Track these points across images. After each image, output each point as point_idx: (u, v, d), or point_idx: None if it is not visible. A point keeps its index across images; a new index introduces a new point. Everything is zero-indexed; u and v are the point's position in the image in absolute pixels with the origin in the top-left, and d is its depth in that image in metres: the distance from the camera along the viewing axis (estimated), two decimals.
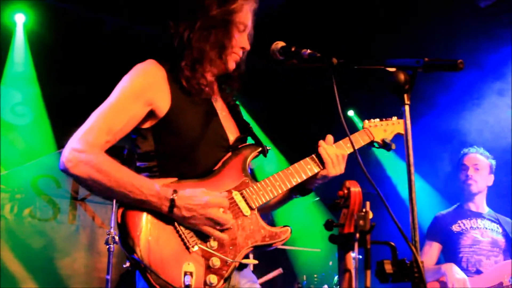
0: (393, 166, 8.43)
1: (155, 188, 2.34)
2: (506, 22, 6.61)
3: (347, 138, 2.91)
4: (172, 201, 2.33)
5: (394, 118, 3.20)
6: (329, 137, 2.91)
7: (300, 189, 2.90)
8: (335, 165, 2.81)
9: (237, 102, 2.99)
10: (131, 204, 2.35)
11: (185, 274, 2.31)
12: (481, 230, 5.03)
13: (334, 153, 2.81)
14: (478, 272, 4.83)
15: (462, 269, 4.78)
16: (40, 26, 6.64)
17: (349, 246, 1.96)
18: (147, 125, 2.57)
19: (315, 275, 6.72)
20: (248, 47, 2.76)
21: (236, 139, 2.74)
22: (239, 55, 2.74)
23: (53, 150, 6.85)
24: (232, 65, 2.74)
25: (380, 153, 8.46)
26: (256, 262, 2.50)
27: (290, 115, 8.45)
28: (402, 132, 3.07)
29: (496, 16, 6.60)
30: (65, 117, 6.78)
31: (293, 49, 2.66)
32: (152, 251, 2.31)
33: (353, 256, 1.88)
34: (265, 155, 2.80)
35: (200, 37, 2.63)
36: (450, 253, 5.04)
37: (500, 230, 5.07)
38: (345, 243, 1.97)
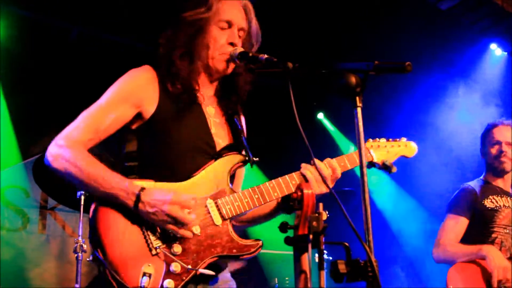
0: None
1: (124, 184, 2.43)
2: (466, 24, 6.74)
3: (341, 156, 2.84)
4: (138, 196, 2.40)
5: (403, 139, 3.10)
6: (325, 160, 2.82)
7: (286, 206, 2.78)
8: (320, 184, 2.72)
9: (238, 111, 2.95)
10: (102, 198, 2.45)
11: (144, 275, 2.36)
12: None
13: (316, 173, 2.72)
14: None
15: None
16: (4, 34, 6.56)
17: (304, 247, 1.99)
18: (133, 126, 2.66)
19: (287, 278, 6.76)
20: (235, 40, 2.73)
21: (224, 147, 2.73)
22: (226, 53, 2.72)
23: (19, 161, 6.80)
24: (221, 65, 2.74)
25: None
26: (213, 273, 2.48)
27: (269, 126, 8.39)
28: (408, 155, 3.09)
29: (456, 18, 6.72)
30: (30, 128, 6.73)
31: (250, 54, 2.66)
32: (115, 248, 2.39)
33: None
34: (251, 166, 2.77)
35: (177, 43, 2.71)
36: (480, 231, 4.52)
37: None
38: (299, 244, 2.00)
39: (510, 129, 4.76)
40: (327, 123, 8.96)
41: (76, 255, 4.83)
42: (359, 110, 2.13)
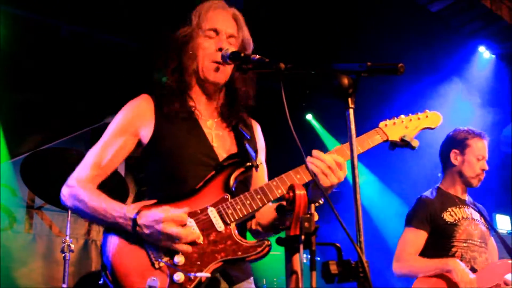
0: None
1: (122, 211, 2.51)
2: (455, 26, 6.79)
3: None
4: (134, 220, 2.46)
5: (427, 111, 2.97)
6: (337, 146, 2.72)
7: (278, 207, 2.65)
8: (328, 174, 2.55)
9: (244, 119, 2.96)
10: (108, 226, 2.57)
11: None
12: (470, 221, 4.49)
13: (324, 163, 2.55)
14: (473, 270, 4.28)
15: None
16: None
17: (295, 248, 1.99)
18: (138, 153, 2.81)
19: (275, 279, 6.76)
20: (223, 45, 2.74)
21: (226, 157, 2.73)
22: (216, 60, 2.75)
23: (6, 159, 6.73)
24: (212, 76, 2.77)
25: None
26: (208, 275, 2.47)
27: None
28: (431, 125, 2.94)
29: (446, 21, 6.77)
30: (18, 126, 6.69)
31: (242, 54, 2.66)
32: (120, 267, 2.48)
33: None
34: (256, 170, 2.73)
35: (167, 62, 2.81)
36: (440, 245, 4.44)
37: (482, 220, 4.58)
38: (291, 245, 2.01)
39: (486, 143, 4.60)
40: (315, 124, 8.99)
41: (63, 254, 4.79)
42: (351, 111, 2.13)
